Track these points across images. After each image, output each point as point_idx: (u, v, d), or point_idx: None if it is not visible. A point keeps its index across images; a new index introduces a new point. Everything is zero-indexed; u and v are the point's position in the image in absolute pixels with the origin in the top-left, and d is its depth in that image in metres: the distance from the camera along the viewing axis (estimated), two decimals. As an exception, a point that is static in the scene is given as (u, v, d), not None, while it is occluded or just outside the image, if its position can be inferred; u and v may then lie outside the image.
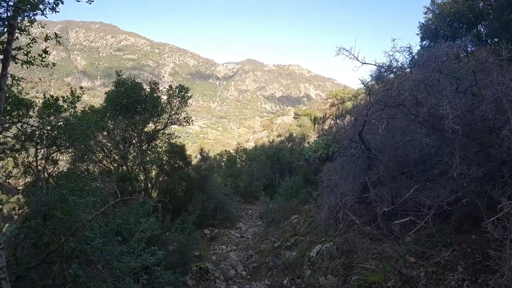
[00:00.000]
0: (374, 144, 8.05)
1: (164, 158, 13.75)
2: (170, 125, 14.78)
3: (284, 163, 28.17)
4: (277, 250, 10.83)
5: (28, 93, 8.09)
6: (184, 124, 15.22)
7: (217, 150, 28.32)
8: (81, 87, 9.54)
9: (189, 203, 13.10)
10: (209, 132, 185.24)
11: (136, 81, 14.39)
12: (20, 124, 7.82)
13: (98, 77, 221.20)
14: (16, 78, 6.75)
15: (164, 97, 14.76)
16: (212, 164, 15.91)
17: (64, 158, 13.36)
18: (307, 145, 17.79)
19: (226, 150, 28.57)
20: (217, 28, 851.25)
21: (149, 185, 13.21)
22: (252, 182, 24.75)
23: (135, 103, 14.05)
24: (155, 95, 14.58)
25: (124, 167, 13.72)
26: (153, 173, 14.41)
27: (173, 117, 14.70)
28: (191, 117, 15.37)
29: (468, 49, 11.37)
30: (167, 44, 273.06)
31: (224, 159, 27.28)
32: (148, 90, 14.55)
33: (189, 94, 15.09)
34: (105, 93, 14.45)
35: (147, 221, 6.77)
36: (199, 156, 15.56)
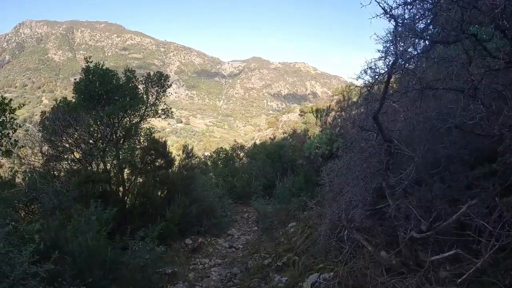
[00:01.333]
0: (397, 135, 5.60)
1: (139, 156, 11.64)
2: (148, 118, 12.65)
3: (285, 161, 25.99)
4: (266, 269, 8.62)
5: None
6: (163, 117, 13.09)
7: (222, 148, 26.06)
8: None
9: (167, 208, 11.02)
10: (215, 130, 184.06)
11: (106, 67, 12.21)
12: None
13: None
14: None
15: (141, 87, 12.62)
16: (198, 163, 13.70)
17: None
18: (308, 141, 15.57)
19: (222, 148, 26.32)
20: (223, 26, 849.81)
21: (121, 188, 11.04)
22: (251, 181, 22.57)
23: (107, 93, 11.95)
24: (131, 85, 12.45)
25: (100, 167, 11.68)
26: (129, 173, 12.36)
27: (151, 109, 12.57)
28: (170, 109, 13.22)
29: None
30: (172, 42, 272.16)
31: (221, 157, 25.08)
32: (124, 78, 12.43)
33: (169, 83, 12.93)
34: (74, 83, 12.34)
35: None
36: (182, 154, 13.35)
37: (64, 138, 11.54)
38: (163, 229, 10.05)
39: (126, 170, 11.48)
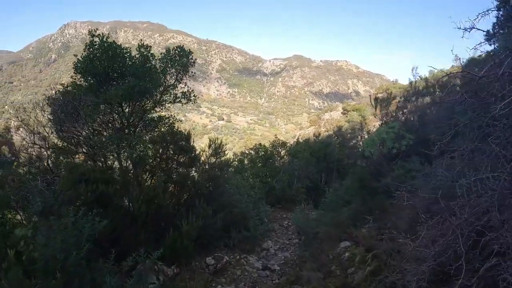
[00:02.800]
0: None
1: (150, 151, 9.23)
2: (164, 103, 10.20)
3: (331, 161, 23.09)
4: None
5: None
6: (184, 101, 10.60)
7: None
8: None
9: (184, 218, 8.53)
10: (256, 128, 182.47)
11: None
12: None
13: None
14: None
15: (158, 65, 10.18)
16: (229, 161, 11.14)
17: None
18: (367, 137, 12.60)
19: (260, 144, 23.61)
20: (264, 24, 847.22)
21: (132, 189, 8.60)
22: (292, 183, 19.83)
23: (115, 71, 9.58)
24: (148, 65, 10.02)
25: (114, 163, 9.38)
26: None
27: (169, 93, 10.10)
28: (192, 92, 10.70)
29: None
30: (214, 41, 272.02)
31: (259, 155, 22.42)
32: (137, 55, 10.01)
33: (192, 60, 10.40)
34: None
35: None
36: (208, 149, 10.79)
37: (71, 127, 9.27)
38: (176, 245, 7.61)
39: (135, 167, 9.09)
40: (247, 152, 23.37)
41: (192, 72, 10.53)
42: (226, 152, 11.25)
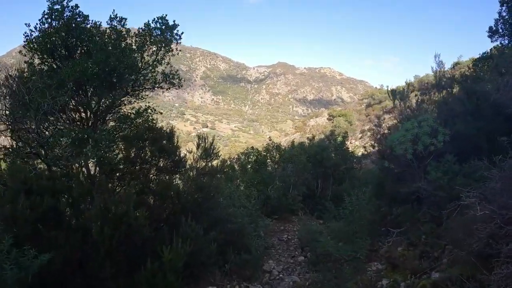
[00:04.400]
0: None
1: (121, 151, 6.96)
2: (143, 89, 7.92)
3: (328, 166, 20.98)
4: None
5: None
6: (166, 87, 8.36)
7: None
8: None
9: (167, 242, 6.26)
10: (241, 135, 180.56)
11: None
12: None
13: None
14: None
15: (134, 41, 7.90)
16: (221, 166, 8.90)
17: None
18: (394, 133, 10.44)
19: (253, 148, 21.35)
20: (248, 31, 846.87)
21: (89, 204, 6.29)
22: (288, 191, 17.65)
23: (77, 48, 7.33)
24: (122, 43, 7.76)
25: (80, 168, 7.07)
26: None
27: (147, 75, 7.82)
28: (176, 73, 8.45)
29: None
30: (198, 48, 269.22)
31: (251, 160, 20.18)
32: (109, 30, 7.77)
33: (178, 33, 8.15)
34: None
35: None
36: (196, 151, 8.46)
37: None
38: (156, 281, 5.40)
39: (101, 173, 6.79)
40: (236, 156, 21.08)
41: (177, 51, 8.31)
42: (219, 154, 9.03)
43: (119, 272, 5.69)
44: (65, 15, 7.20)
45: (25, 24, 7.53)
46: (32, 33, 7.37)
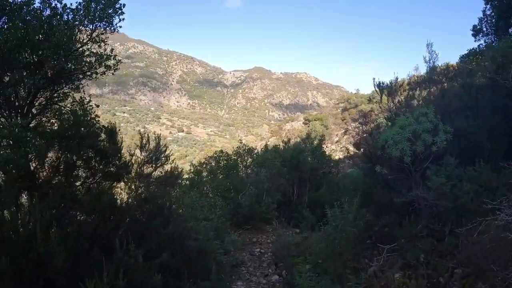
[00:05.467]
0: None
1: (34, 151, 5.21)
2: (69, 76, 6.14)
3: (305, 170, 19.43)
4: None
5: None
6: (99, 71, 6.59)
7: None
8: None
9: (93, 274, 4.53)
10: (217, 139, 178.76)
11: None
12: None
13: (107, 84, 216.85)
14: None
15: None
16: (177, 171, 7.16)
17: None
18: (389, 130, 8.78)
19: (222, 151, 19.60)
20: (225, 35, 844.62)
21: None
22: (261, 198, 16.00)
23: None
24: (53, 19, 5.99)
25: None
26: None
27: (78, 56, 6.05)
28: (114, 55, 6.71)
29: None
30: (175, 52, 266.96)
31: (221, 164, 18.46)
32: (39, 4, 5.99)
33: (120, 5, 6.39)
34: None
35: None
36: (140, 152, 6.68)
37: None
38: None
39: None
40: (206, 161, 19.31)
41: (119, 26, 6.57)
42: (169, 154, 7.28)
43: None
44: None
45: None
46: None
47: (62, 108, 6.33)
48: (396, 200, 7.36)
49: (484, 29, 18.73)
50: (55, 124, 6.24)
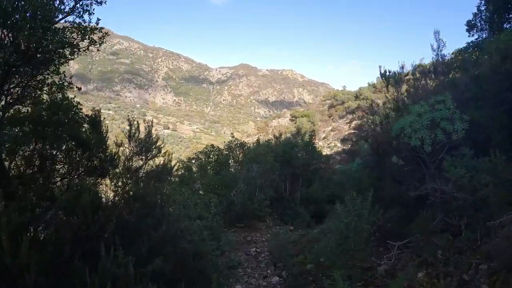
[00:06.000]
0: None
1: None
2: (48, 52, 5.26)
3: (297, 165, 18.76)
4: None
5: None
6: (83, 46, 5.74)
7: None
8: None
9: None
10: (203, 136, 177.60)
11: None
12: None
13: (91, 81, 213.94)
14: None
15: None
16: (167, 167, 6.32)
17: None
18: (402, 118, 8.04)
19: (213, 146, 18.75)
20: (211, 33, 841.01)
21: None
22: (253, 194, 15.26)
23: None
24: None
25: None
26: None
27: (54, 30, 5.18)
28: (98, 27, 5.81)
29: None
30: (161, 48, 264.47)
31: (211, 159, 17.64)
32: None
33: None
34: None
35: None
36: (129, 142, 5.86)
37: None
38: None
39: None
40: (195, 157, 18.40)
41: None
42: (161, 146, 6.46)
43: None
44: None
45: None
46: None
47: (40, 94, 5.47)
48: (410, 193, 6.70)
49: (478, 24, 18.76)
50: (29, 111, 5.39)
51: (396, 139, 6.75)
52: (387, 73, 9.18)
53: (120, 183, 5.39)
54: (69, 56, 5.55)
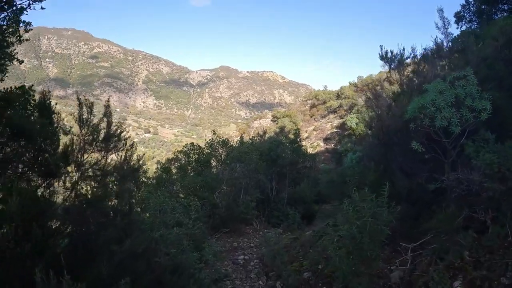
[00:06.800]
0: None
1: None
2: None
3: (283, 164, 17.55)
4: None
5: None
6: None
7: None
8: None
9: None
10: (184, 140, 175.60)
11: None
12: None
13: (71, 85, 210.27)
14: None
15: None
16: (132, 162, 4.94)
17: None
18: (420, 97, 6.82)
19: (193, 144, 17.30)
20: (191, 35, 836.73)
21: None
22: (238, 196, 14.00)
23: None
24: None
25: None
26: None
27: None
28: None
29: None
30: (140, 51, 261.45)
31: (191, 159, 16.24)
32: None
33: None
34: None
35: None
36: (79, 129, 4.51)
37: None
38: None
39: None
40: (175, 156, 16.92)
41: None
42: (125, 135, 5.06)
43: None
44: None
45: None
46: None
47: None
48: (429, 186, 5.55)
49: (467, 15, 18.36)
50: None
51: (413, 122, 5.55)
52: (389, 54, 8.03)
53: (68, 184, 4.06)
54: None
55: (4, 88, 4.38)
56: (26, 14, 4.51)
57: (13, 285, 3.24)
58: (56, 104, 4.88)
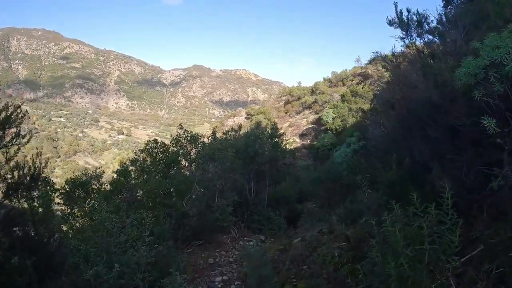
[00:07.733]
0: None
1: None
2: None
3: (262, 161, 15.33)
4: None
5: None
6: None
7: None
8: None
9: None
10: (158, 140, 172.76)
11: None
12: None
13: (41, 88, 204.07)
14: None
15: None
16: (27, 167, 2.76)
17: None
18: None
19: (156, 141, 14.76)
20: (164, 34, 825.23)
21: None
22: (212, 201, 11.79)
23: None
24: None
25: None
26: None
27: None
28: None
29: None
30: (112, 51, 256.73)
31: (157, 158, 13.82)
32: None
33: None
34: None
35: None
36: None
37: None
38: None
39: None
40: (136, 157, 14.35)
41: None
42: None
43: None
44: None
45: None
46: None
47: None
48: (492, 184, 3.57)
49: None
50: None
51: (474, 89, 3.45)
52: (406, 15, 6.00)
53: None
54: None
55: None
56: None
57: None
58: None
